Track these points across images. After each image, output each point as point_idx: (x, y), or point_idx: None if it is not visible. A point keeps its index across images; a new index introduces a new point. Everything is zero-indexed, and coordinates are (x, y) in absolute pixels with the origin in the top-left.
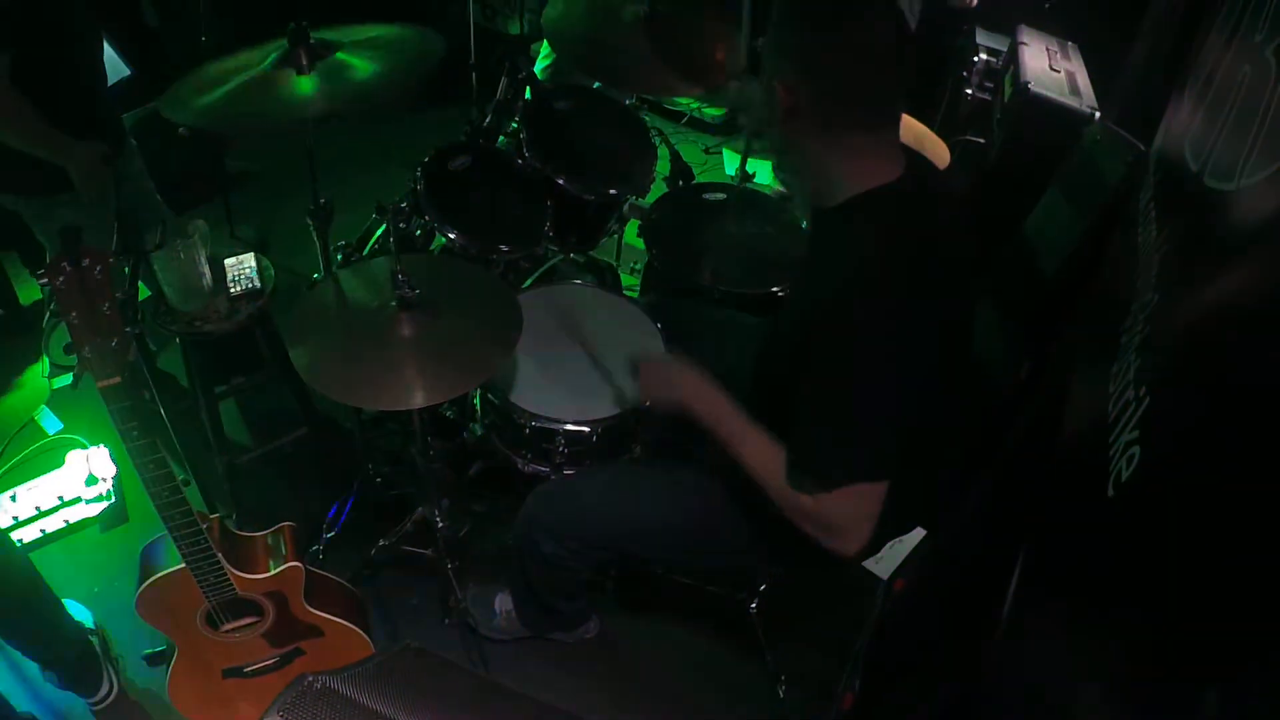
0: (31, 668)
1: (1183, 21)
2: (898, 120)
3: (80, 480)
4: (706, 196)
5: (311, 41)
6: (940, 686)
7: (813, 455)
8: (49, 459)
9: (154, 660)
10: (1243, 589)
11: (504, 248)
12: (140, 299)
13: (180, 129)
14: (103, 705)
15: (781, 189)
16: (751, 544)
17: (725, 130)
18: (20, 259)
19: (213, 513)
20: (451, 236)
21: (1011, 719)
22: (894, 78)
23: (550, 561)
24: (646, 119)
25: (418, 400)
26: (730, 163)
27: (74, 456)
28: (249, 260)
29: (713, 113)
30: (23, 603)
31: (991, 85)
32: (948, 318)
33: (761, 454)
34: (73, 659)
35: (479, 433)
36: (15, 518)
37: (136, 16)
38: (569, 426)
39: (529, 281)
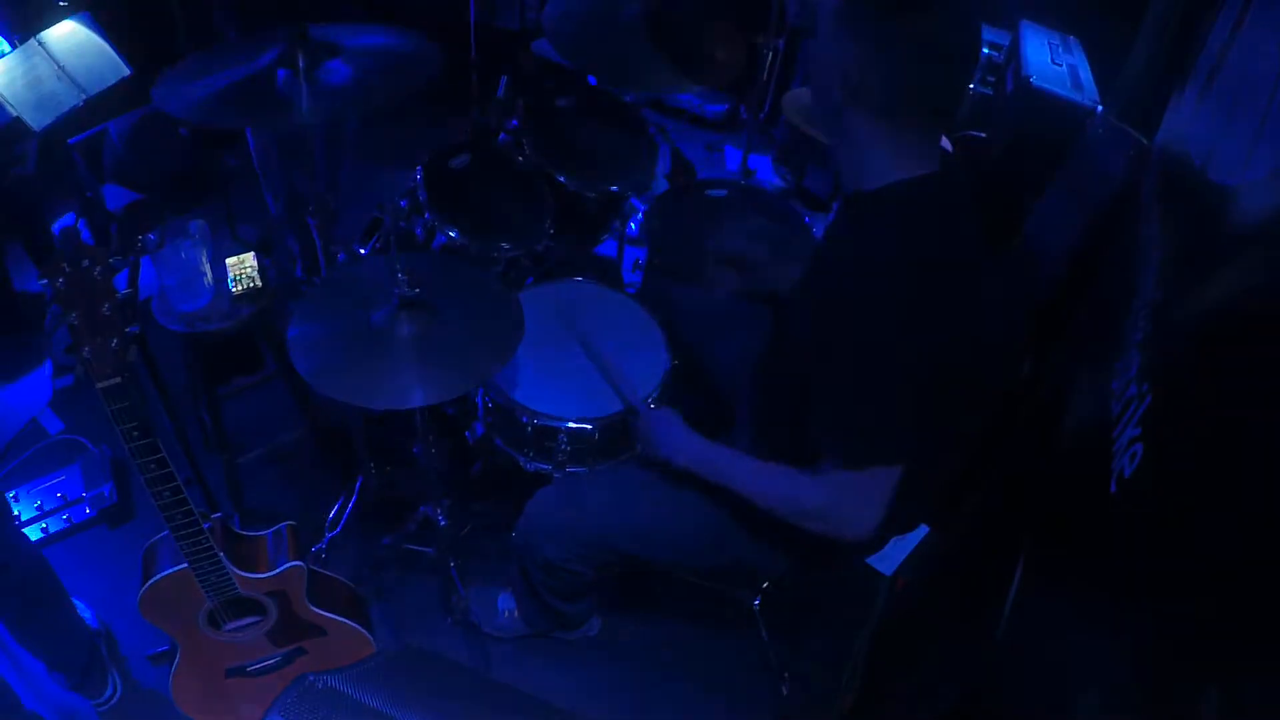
0: (36, 669)
1: (1186, 15)
2: (952, 117)
3: (82, 481)
4: (708, 193)
5: (311, 43)
6: (943, 684)
7: (837, 436)
8: (51, 460)
9: (157, 660)
10: (1245, 587)
11: (505, 246)
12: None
13: (180, 128)
14: (108, 706)
15: (781, 184)
16: (758, 544)
17: (726, 126)
18: (30, 259)
19: (214, 512)
20: (452, 235)
21: (1013, 717)
22: (962, 76)
23: (552, 566)
24: (647, 116)
25: (418, 400)
26: (732, 159)
27: (76, 457)
28: (250, 260)
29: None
30: (38, 602)
31: (993, 79)
32: (964, 313)
33: (751, 476)
34: (82, 660)
35: (481, 431)
36: (18, 518)
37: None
38: (571, 424)
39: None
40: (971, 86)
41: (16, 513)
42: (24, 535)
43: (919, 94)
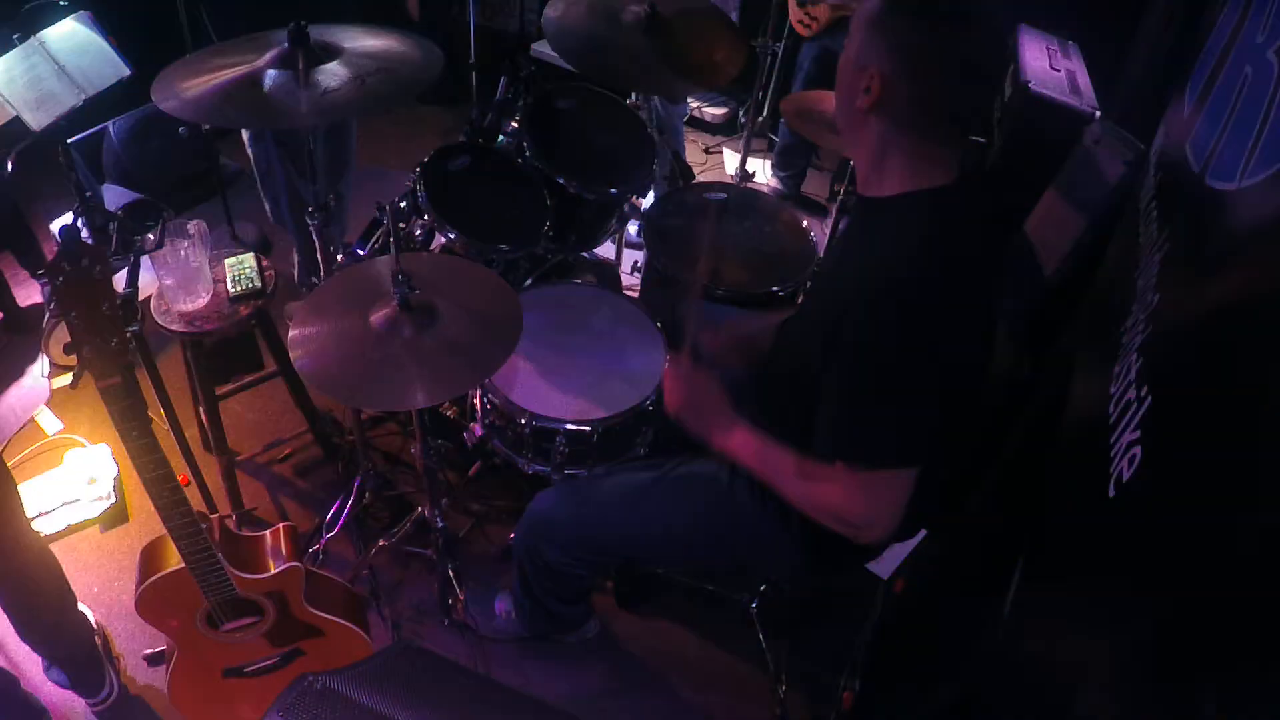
0: (33, 669)
1: (1184, 19)
2: (973, 132)
3: (80, 480)
4: (707, 196)
5: (311, 43)
6: (940, 686)
7: (851, 440)
8: (49, 459)
9: (154, 660)
10: (1243, 589)
11: (504, 247)
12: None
13: (180, 129)
14: (105, 705)
15: (779, 188)
16: (758, 546)
17: (725, 130)
18: (16, 260)
19: (213, 513)
20: (451, 236)
21: (1012, 718)
22: (988, 96)
23: (554, 568)
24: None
25: (418, 400)
26: (730, 162)
27: (74, 456)
28: (249, 260)
29: (713, 112)
30: (41, 596)
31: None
32: (972, 323)
33: (780, 463)
34: (83, 657)
35: (479, 432)
36: None
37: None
38: (569, 426)
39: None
40: None
41: None
42: (34, 530)
43: (946, 109)
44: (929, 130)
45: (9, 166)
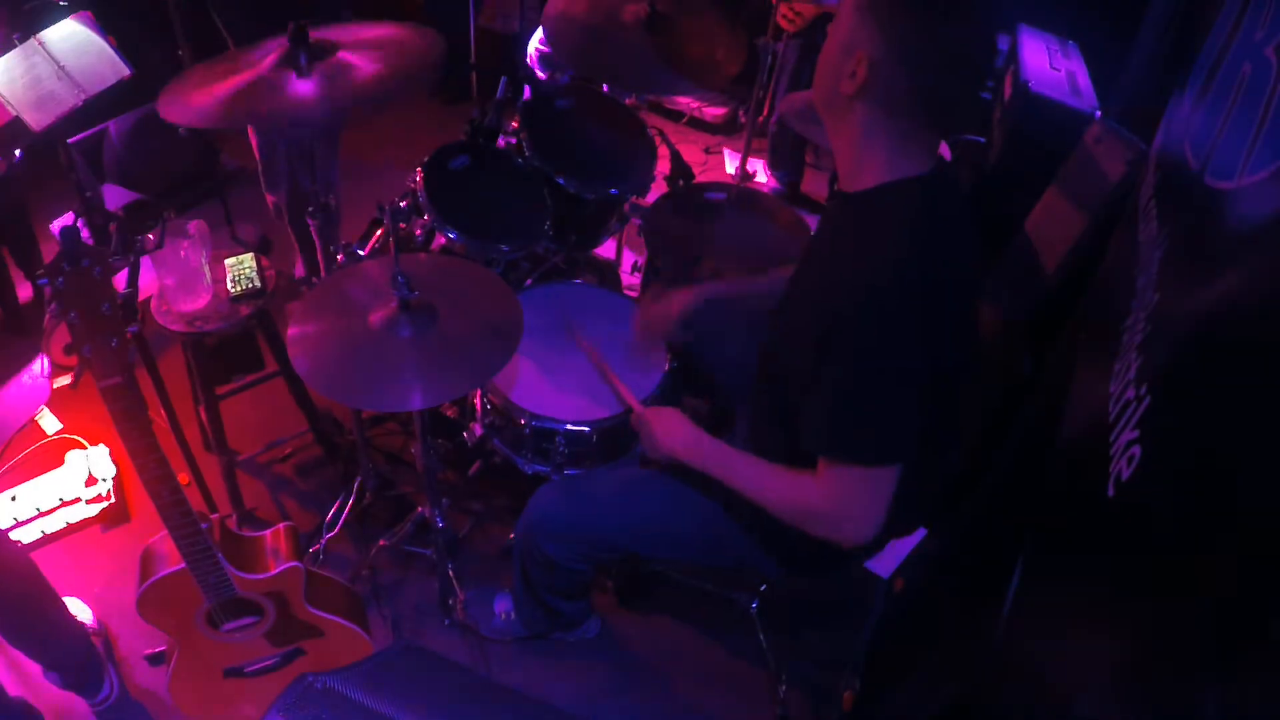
0: (33, 668)
1: (1184, 18)
2: (957, 126)
3: (80, 480)
4: (707, 196)
5: (311, 42)
6: (940, 686)
7: (833, 436)
8: (49, 459)
9: (155, 660)
10: (1243, 588)
11: (504, 247)
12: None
13: (180, 129)
14: (106, 706)
15: (779, 187)
16: (760, 544)
17: (725, 130)
18: (12, 255)
19: (213, 513)
20: (451, 236)
21: (1012, 718)
22: (977, 89)
23: (554, 564)
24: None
25: (418, 401)
26: (730, 162)
27: (74, 456)
28: (249, 260)
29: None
30: (24, 604)
31: (992, 84)
32: (960, 312)
33: (755, 475)
34: (78, 661)
35: (479, 432)
36: (15, 518)
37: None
38: (569, 426)
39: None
40: None
41: (14, 514)
42: (9, 538)
43: (933, 99)
44: (913, 118)
45: (17, 158)
